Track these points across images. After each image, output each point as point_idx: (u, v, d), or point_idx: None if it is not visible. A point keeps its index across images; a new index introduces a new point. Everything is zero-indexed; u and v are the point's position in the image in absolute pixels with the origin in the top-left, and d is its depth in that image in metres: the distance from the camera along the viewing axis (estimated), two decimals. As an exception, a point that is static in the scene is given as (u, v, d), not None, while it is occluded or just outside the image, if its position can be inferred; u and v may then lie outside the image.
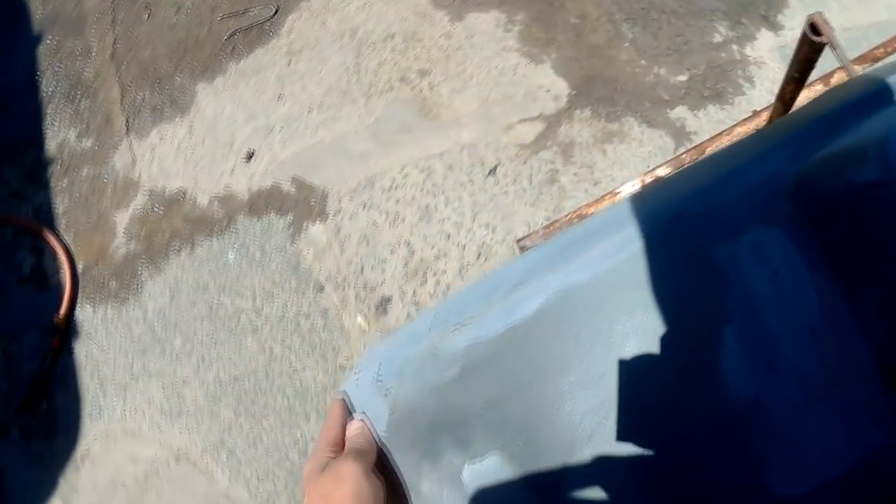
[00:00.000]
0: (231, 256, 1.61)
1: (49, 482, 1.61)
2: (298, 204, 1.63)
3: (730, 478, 0.50)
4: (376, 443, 0.64)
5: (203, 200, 1.67)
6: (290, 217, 1.62)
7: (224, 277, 1.60)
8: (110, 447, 1.59)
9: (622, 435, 0.51)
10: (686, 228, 0.53)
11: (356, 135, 1.68)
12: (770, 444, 0.48)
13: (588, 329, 0.53)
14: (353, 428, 0.65)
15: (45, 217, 1.73)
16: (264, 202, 1.64)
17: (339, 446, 0.63)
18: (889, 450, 0.47)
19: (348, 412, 0.67)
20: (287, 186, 1.65)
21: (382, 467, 0.63)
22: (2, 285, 1.72)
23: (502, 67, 1.76)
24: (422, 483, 0.62)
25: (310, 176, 1.65)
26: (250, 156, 1.67)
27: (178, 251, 1.64)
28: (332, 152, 1.66)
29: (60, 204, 1.74)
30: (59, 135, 1.80)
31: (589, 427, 0.52)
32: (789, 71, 0.98)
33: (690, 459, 0.50)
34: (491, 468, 0.57)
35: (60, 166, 1.77)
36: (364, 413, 0.63)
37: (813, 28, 0.94)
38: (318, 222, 1.60)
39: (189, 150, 1.71)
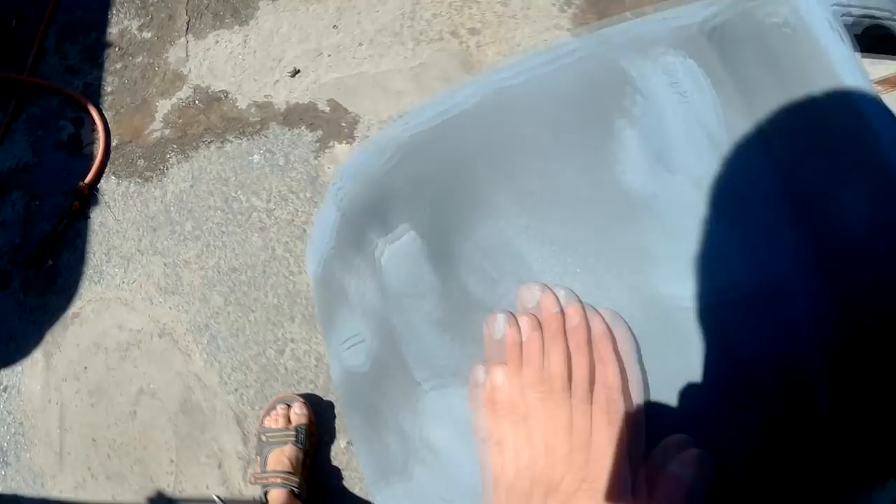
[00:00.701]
0: (256, 158, 1.68)
1: (36, 336, 1.66)
2: (330, 123, 1.70)
3: (618, 267, 0.51)
4: None
5: (242, 104, 1.75)
6: (319, 133, 1.69)
7: (245, 175, 1.67)
8: (101, 312, 1.64)
9: (513, 198, 0.54)
10: (611, 48, 0.58)
11: (398, 73, 1.75)
12: (660, 240, 0.50)
13: (514, 121, 0.57)
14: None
15: (93, 94, 1.82)
16: (298, 116, 1.71)
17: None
18: (788, 282, 0.48)
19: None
20: (323, 106, 1.72)
21: None
22: (39, 147, 1.80)
23: (549, 43, 1.83)
24: (350, 281, 0.65)
25: (346, 101, 1.72)
26: (296, 73, 1.75)
27: (209, 144, 1.72)
28: (372, 84, 1.74)
29: (109, 84, 1.83)
30: (123, 23, 1.90)
31: (497, 207, 0.55)
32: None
33: (582, 241, 0.52)
34: (405, 245, 0.60)
35: (118, 51, 1.87)
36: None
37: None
38: (344, 143, 1.67)
39: (240, 58, 1.80)
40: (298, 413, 1.46)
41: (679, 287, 0.49)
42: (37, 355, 1.65)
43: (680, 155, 0.51)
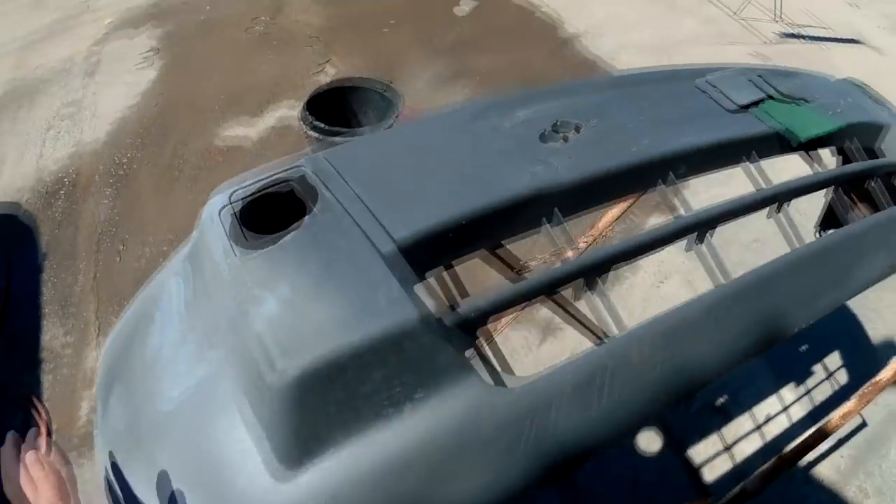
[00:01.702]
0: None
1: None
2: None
3: (144, 398, 0.98)
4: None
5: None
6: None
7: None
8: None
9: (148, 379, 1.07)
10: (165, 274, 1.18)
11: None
12: (156, 385, 0.99)
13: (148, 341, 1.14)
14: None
15: (37, 391, 2.62)
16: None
17: None
18: (216, 375, 0.92)
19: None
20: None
21: None
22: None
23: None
24: None
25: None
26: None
27: (119, 430, 2.53)
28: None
29: (46, 382, 2.63)
30: (53, 330, 2.69)
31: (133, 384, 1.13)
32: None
33: (138, 377, 1.08)
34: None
35: (50, 354, 2.66)
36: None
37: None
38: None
39: (135, 358, 2.60)
40: None
41: (164, 404, 0.92)
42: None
43: (167, 327, 1.02)
